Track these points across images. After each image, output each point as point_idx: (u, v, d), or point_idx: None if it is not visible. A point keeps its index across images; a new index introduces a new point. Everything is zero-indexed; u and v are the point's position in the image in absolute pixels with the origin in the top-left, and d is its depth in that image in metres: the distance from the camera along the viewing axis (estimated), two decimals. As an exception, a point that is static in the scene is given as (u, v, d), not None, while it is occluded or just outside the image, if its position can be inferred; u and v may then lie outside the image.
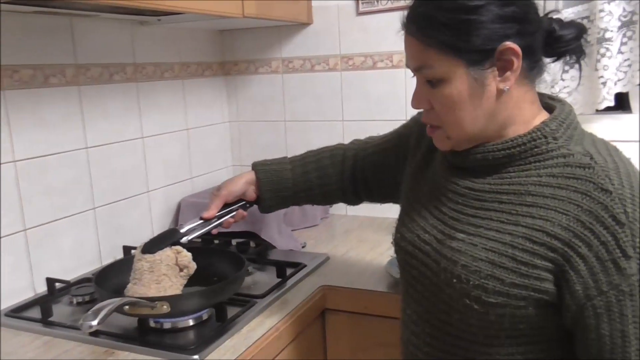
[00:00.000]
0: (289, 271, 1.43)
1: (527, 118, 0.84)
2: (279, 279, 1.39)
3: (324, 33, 1.94)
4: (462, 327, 0.83)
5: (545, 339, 0.79)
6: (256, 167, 1.26)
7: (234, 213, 1.22)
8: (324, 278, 1.43)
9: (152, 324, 1.17)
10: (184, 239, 1.16)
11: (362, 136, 1.94)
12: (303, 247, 1.67)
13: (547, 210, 0.75)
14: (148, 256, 1.13)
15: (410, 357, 0.95)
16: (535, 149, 0.81)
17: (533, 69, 0.83)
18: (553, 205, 0.75)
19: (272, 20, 1.80)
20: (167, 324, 1.16)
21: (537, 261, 0.74)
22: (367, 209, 1.99)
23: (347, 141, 1.95)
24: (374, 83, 1.90)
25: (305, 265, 1.48)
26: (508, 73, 0.79)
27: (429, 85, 0.84)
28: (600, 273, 0.71)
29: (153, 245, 1.15)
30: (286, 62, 2.02)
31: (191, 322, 1.17)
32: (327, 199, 1.32)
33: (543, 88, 1.62)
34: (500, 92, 0.81)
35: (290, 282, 1.39)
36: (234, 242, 1.64)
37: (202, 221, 1.18)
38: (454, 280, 0.81)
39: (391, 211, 1.93)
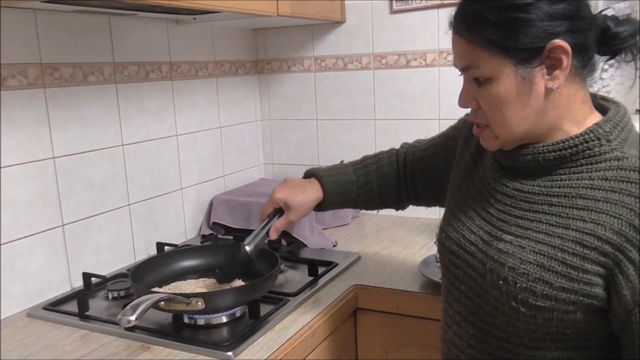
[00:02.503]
0: (321, 270, 1.43)
1: (579, 118, 0.82)
2: (311, 277, 1.39)
3: (357, 31, 1.93)
4: (507, 329, 0.82)
5: (592, 344, 0.78)
6: (322, 178, 1.24)
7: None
8: (356, 277, 1.43)
9: (186, 320, 1.18)
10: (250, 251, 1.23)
11: (394, 135, 1.94)
12: (334, 245, 1.67)
13: (599, 214, 0.74)
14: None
15: (452, 358, 0.94)
16: (588, 151, 0.79)
17: (585, 68, 0.81)
18: (605, 208, 0.74)
19: (306, 19, 1.80)
20: (201, 320, 1.17)
21: (587, 265, 0.73)
22: (399, 209, 1.98)
23: (379, 140, 1.96)
24: (407, 82, 1.89)
25: (337, 264, 1.48)
26: (557, 72, 0.78)
27: (476, 84, 0.83)
28: None
29: (230, 275, 1.27)
30: (319, 60, 2.02)
31: (225, 319, 1.18)
32: (381, 206, 1.34)
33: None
34: (548, 91, 0.79)
35: (322, 280, 1.39)
36: (265, 240, 1.64)
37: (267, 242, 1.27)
38: (500, 282, 0.80)
39: (423, 211, 1.92)
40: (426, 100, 1.87)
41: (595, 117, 0.84)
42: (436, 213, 1.92)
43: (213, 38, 1.90)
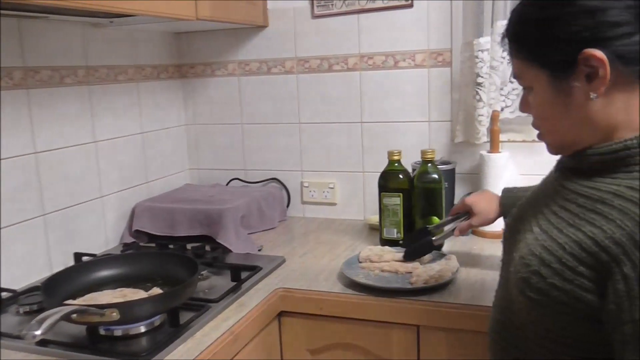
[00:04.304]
0: (244, 274, 1.42)
1: (637, 125, 0.78)
2: (234, 283, 1.38)
3: (280, 36, 1.94)
4: (518, 319, 0.83)
5: (595, 356, 0.75)
6: (503, 192, 1.36)
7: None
8: (280, 280, 1.43)
9: (102, 331, 1.14)
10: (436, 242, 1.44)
11: (318, 139, 1.97)
12: (260, 250, 1.67)
13: (609, 221, 0.72)
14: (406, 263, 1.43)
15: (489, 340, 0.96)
16: (629, 159, 0.77)
17: None
18: (617, 217, 0.71)
19: (228, 23, 1.79)
20: (118, 331, 1.14)
21: (581, 268, 0.72)
22: (325, 211, 2.00)
23: (304, 144, 1.98)
24: (330, 86, 1.92)
25: (261, 268, 1.47)
26: (595, 81, 0.76)
27: (529, 92, 0.86)
28: (637, 298, 0.66)
29: (412, 255, 1.44)
30: (243, 64, 2.02)
31: (143, 329, 1.15)
32: None
33: (493, 90, 1.67)
34: (590, 101, 0.78)
35: (245, 285, 1.38)
36: (189, 246, 1.62)
37: (452, 234, 1.41)
38: (512, 269, 0.83)
39: (349, 213, 1.96)
40: (349, 103, 1.90)
41: None
42: (361, 214, 1.95)
43: (133, 42, 1.86)
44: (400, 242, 1.57)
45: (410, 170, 1.65)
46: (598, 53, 0.74)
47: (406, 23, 1.79)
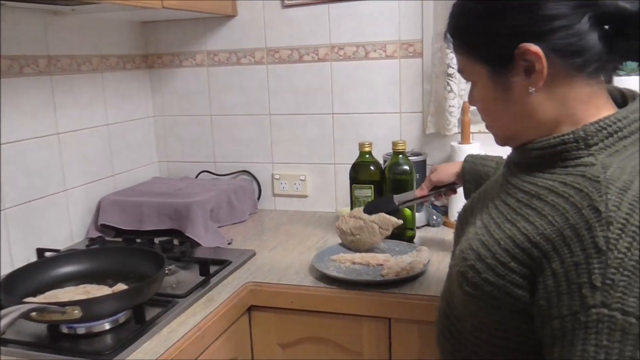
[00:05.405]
0: (213, 269, 1.39)
1: (578, 119, 0.77)
2: (203, 277, 1.36)
3: (250, 26, 1.91)
4: (459, 311, 0.82)
5: (531, 349, 0.74)
6: (465, 159, 1.34)
7: (443, 190, 1.39)
8: (250, 274, 1.41)
9: (65, 330, 1.11)
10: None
11: (289, 131, 1.94)
12: (229, 243, 1.64)
13: (541, 217, 0.71)
14: (366, 216, 1.44)
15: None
16: (566, 153, 0.76)
17: (586, 66, 0.74)
18: (549, 212, 0.71)
19: (196, 12, 1.75)
20: (81, 329, 1.10)
21: (513, 264, 0.72)
22: (296, 204, 1.98)
23: (274, 135, 1.95)
24: (300, 77, 1.89)
25: (230, 262, 1.45)
26: (533, 75, 0.75)
27: (472, 85, 0.85)
28: (565, 295, 0.65)
29: (372, 209, 1.45)
30: (211, 55, 1.98)
31: (108, 326, 1.12)
32: None
33: (464, 81, 1.67)
34: (529, 95, 0.77)
35: (214, 279, 1.36)
36: (157, 240, 1.58)
37: (414, 197, 1.41)
38: (451, 262, 0.84)
39: (321, 205, 1.94)
40: (320, 95, 1.88)
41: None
42: (333, 207, 1.94)
43: (97, 31, 1.80)
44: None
45: (381, 161, 1.64)
46: (533, 47, 0.73)
47: (377, 13, 1.77)
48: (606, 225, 0.64)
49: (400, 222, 1.44)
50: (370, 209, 1.45)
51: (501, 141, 0.87)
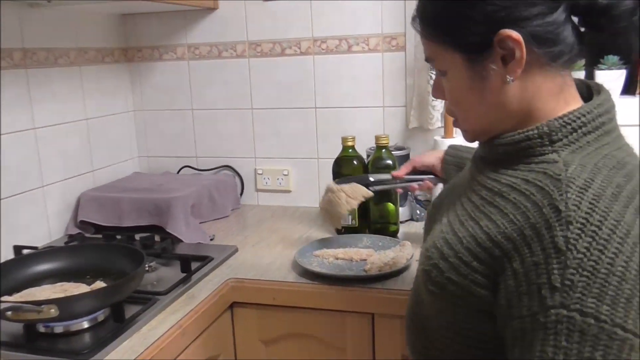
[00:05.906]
0: (194, 265, 1.38)
1: (547, 112, 0.75)
2: (184, 274, 1.34)
3: (231, 19, 1.88)
4: (425, 309, 0.81)
5: (497, 349, 0.72)
6: (448, 148, 1.29)
7: (421, 182, 1.32)
8: (232, 270, 1.40)
9: (42, 329, 1.08)
10: (372, 187, 1.35)
11: (272, 125, 1.92)
12: (211, 239, 1.62)
13: (503, 215, 0.70)
14: (336, 186, 1.35)
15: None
16: (530, 150, 0.74)
17: (560, 57, 0.73)
18: (510, 211, 0.70)
19: (176, 4, 1.72)
20: (59, 328, 1.08)
21: (475, 264, 0.71)
22: (279, 199, 1.97)
23: (257, 129, 1.93)
24: (282, 70, 1.87)
25: (212, 259, 1.43)
26: (511, 64, 0.72)
27: (442, 76, 0.81)
28: (524, 295, 0.64)
29: (345, 181, 1.37)
30: (192, 48, 1.95)
31: (86, 325, 1.10)
32: None
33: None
34: (506, 84, 0.74)
35: (196, 276, 1.34)
36: (137, 237, 1.56)
37: (391, 178, 1.34)
38: (417, 261, 0.84)
39: (304, 201, 1.93)
40: (302, 88, 1.86)
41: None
42: (316, 202, 1.92)
43: (75, 23, 1.76)
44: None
45: (364, 156, 1.63)
46: (514, 34, 0.70)
47: (359, 6, 1.76)
48: (566, 225, 0.63)
49: (371, 194, 1.35)
50: (342, 181, 1.39)
51: (471, 136, 0.84)
